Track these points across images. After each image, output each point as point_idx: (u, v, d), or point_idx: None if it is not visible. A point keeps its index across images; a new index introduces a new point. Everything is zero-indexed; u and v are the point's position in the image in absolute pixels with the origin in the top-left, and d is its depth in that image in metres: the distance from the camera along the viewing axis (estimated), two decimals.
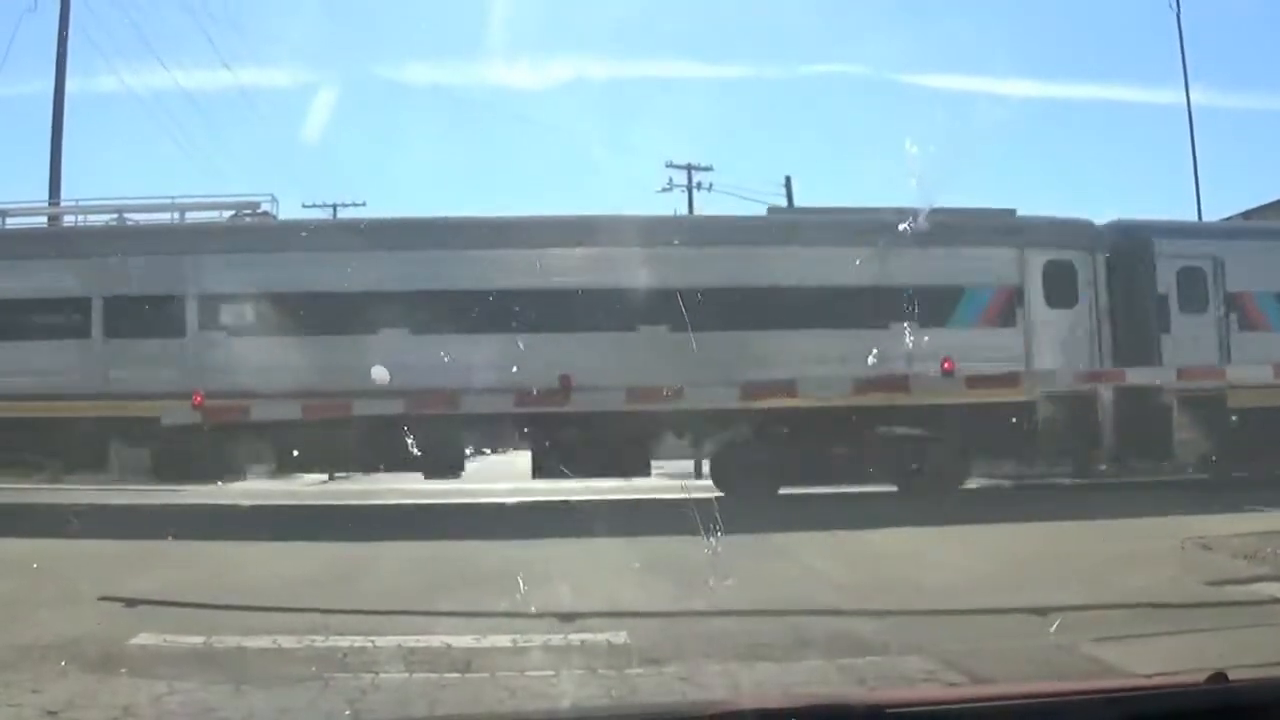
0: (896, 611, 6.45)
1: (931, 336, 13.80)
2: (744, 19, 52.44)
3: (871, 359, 13.18)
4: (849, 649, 5.42)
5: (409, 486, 15.28)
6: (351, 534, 11.02)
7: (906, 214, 12.33)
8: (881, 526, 10.63)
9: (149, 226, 14.74)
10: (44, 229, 16.15)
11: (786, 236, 14.67)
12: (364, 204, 31.03)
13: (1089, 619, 5.98)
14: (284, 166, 52.22)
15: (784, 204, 28.20)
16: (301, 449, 13.20)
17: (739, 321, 13.85)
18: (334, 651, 5.44)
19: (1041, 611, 6.08)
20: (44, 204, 18.22)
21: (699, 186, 31.46)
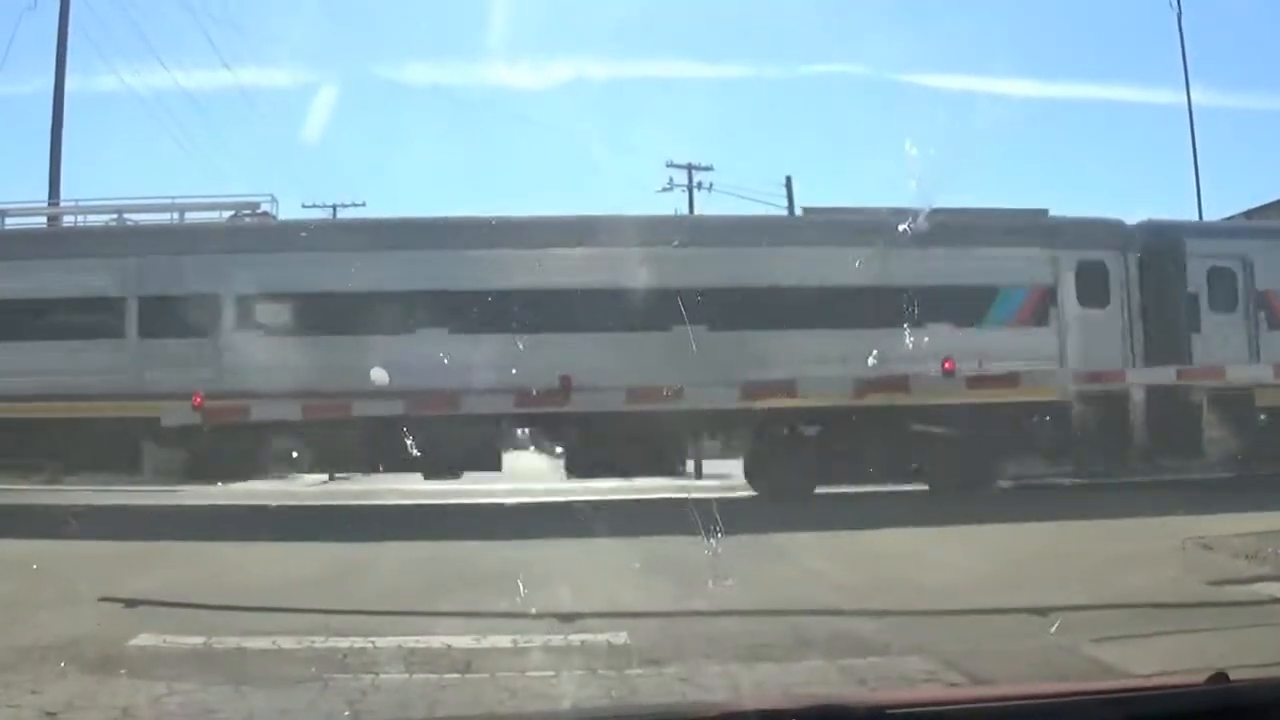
0: (897, 612, 6.44)
1: (966, 336, 13.95)
2: (744, 19, 52.55)
3: (907, 358, 13.31)
4: (849, 649, 5.42)
5: (408, 487, 15.28)
6: (351, 534, 11.02)
7: (940, 215, 12.39)
8: (882, 527, 10.62)
9: (196, 226, 14.66)
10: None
11: (823, 237, 14.58)
12: (364, 204, 30.89)
13: (1090, 619, 5.98)
14: (284, 166, 52.36)
15: (784, 205, 28.23)
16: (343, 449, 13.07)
17: (782, 321, 13.90)
18: (334, 652, 5.43)
19: (1042, 612, 6.07)
20: (43, 204, 18.20)
21: (699, 186, 31.47)
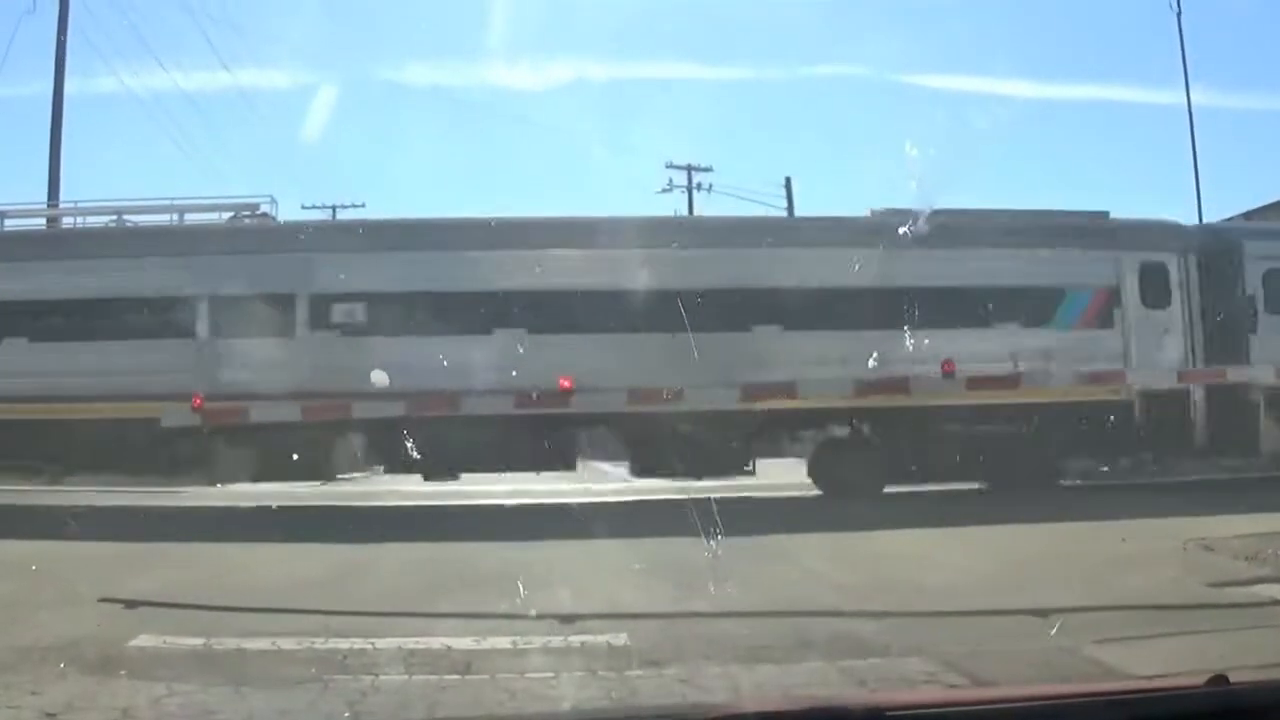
0: (897, 613, 6.44)
1: (1033, 337, 14.09)
2: (744, 19, 52.27)
3: (979, 358, 13.55)
4: (850, 650, 5.41)
5: (408, 488, 15.26)
6: (351, 535, 11.01)
7: (1005, 216, 12.37)
8: (883, 528, 10.62)
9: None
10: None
11: (896, 239, 14.64)
12: (363, 205, 31.03)
13: (1090, 620, 5.97)
14: (283, 167, 51.96)
15: (784, 205, 28.27)
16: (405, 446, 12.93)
17: (855, 322, 13.93)
18: (334, 653, 5.43)
19: (1042, 613, 6.06)
20: (43, 205, 18.20)
21: (699, 187, 31.54)
